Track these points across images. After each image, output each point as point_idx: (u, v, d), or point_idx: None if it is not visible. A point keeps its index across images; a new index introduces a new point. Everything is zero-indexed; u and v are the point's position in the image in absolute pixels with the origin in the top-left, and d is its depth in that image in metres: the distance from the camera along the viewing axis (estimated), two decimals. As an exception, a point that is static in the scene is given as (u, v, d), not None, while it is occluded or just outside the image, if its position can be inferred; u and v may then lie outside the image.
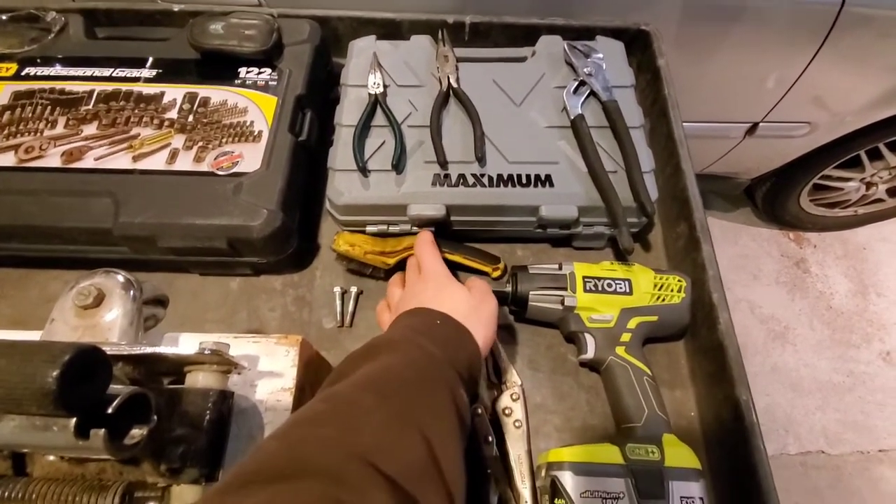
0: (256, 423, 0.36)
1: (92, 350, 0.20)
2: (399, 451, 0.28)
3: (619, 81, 0.61)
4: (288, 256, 0.56)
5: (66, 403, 0.19)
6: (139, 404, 0.24)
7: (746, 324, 1.51)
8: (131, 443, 0.24)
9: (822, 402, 1.40)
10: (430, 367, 0.34)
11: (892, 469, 1.31)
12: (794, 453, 1.33)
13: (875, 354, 1.47)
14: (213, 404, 0.31)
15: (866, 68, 1.06)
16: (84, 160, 0.54)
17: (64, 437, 0.21)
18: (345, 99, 0.59)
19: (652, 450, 0.42)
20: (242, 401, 0.36)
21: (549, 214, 0.53)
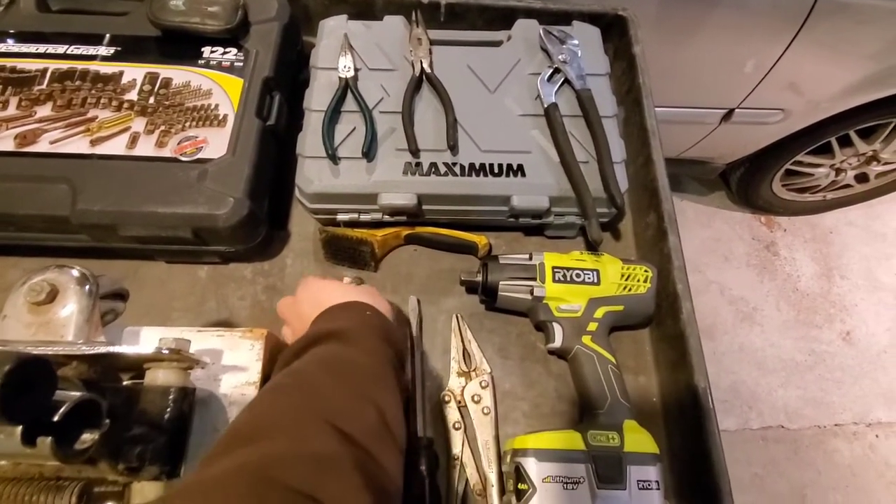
0: (221, 417, 0.36)
1: (33, 360, 0.20)
2: (357, 415, 0.30)
3: (594, 69, 0.60)
4: (257, 244, 0.56)
5: (9, 415, 0.18)
6: (89, 410, 0.24)
7: (716, 305, 1.55)
8: (82, 447, 0.23)
9: (785, 380, 1.46)
10: (377, 352, 0.37)
11: (846, 442, 1.39)
12: (755, 428, 1.39)
13: (836, 334, 1.53)
14: (174, 402, 0.31)
15: (841, 56, 1.07)
16: (38, 144, 0.51)
17: (11, 444, 0.21)
18: (314, 82, 0.58)
19: (612, 436, 0.44)
20: (206, 395, 0.36)
21: (520, 205, 0.53)
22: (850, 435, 1.40)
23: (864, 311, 1.56)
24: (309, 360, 0.34)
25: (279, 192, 0.60)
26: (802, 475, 1.35)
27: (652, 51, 0.99)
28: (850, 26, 1.00)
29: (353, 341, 0.36)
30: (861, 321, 1.55)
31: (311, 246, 0.59)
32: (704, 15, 0.93)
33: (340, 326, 0.37)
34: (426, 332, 0.55)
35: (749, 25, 0.97)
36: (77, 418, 0.23)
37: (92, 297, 0.34)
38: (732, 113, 1.18)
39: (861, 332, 1.53)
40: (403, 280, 0.58)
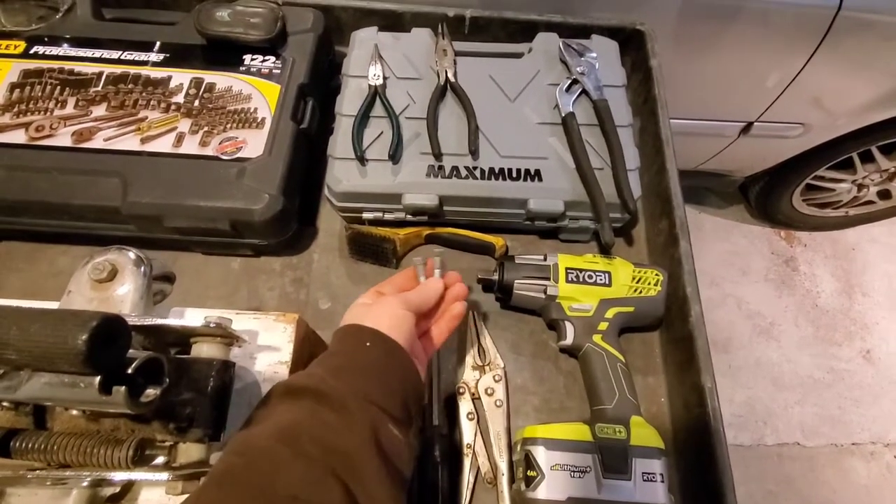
0: (255, 392, 0.39)
1: (115, 318, 0.23)
2: (316, 499, 0.27)
3: (611, 81, 0.63)
4: (287, 239, 0.59)
5: (94, 363, 0.22)
6: (153, 368, 0.27)
7: (732, 319, 1.54)
8: (146, 401, 0.27)
9: (802, 397, 1.44)
10: (351, 414, 0.32)
11: (863, 461, 1.37)
12: (770, 444, 1.38)
13: (856, 352, 1.51)
14: (217, 373, 0.34)
15: (861, 72, 1.07)
16: (94, 140, 0.56)
17: (89, 393, 0.24)
18: (346, 89, 0.62)
19: (619, 429, 0.46)
20: (243, 371, 0.39)
21: (536, 208, 0.56)
22: (868, 454, 1.38)
23: (886, 329, 1.54)
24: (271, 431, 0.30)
25: (309, 191, 0.63)
26: (817, 494, 1.33)
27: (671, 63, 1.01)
28: (871, 42, 1.00)
29: (328, 403, 0.32)
30: (882, 340, 1.52)
31: (338, 242, 0.62)
32: (723, 29, 0.95)
33: (317, 385, 0.33)
34: (443, 327, 0.58)
35: (768, 39, 0.98)
36: (143, 375, 0.27)
37: (146, 277, 0.38)
38: (751, 126, 1.19)
39: (882, 350, 1.51)
40: (423, 277, 0.61)
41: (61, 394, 0.25)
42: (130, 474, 0.29)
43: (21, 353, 0.21)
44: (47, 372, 0.24)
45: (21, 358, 0.22)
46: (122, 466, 0.29)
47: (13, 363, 0.22)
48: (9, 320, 0.22)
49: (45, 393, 0.25)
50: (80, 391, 0.24)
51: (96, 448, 0.29)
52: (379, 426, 0.33)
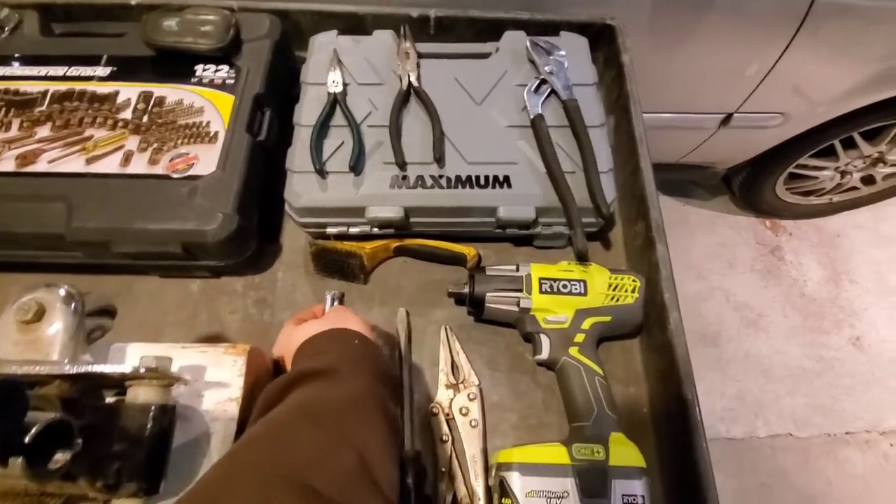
0: (203, 431, 0.36)
1: (7, 383, 0.21)
2: (332, 465, 0.29)
3: (581, 79, 0.61)
4: (248, 258, 0.56)
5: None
6: (62, 429, 0.25)
7: (721, 312, 1.53)
8: (54, 467, 0.24)
9: (792, 388, 1.44)
10: (363, 389, 0.35)
11: (858, 451, 1.36)
12: (763, 436, 1.37)
13: (845, 340, 1.50)
14: (153, 419, 0.31)
15: (840, 59, 1.06)
16: (37, 164, 0.53)
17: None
18: (304, 97, 0.59)
19: (598, 449, 0.43)
20: (188, 410, 0.37)
21: (506, 216, 0.54)
22: (863, 443, 1.37)
23: (875, 315, 1.53)
24: (287, 406, 0.33)
25: (270, 206, 0.60)
26: (812, 485, 1.32)
27: (647, 57, 0.99)
28: (849, 27, 0.99)
29: (338, 379, 0.35)
30: (871, 326, 1.52)
31: (302, 259, 0.60)
32: (697, 21, 0.93)
33: (324, 363, 0.36)
34: (415, 343, 0.56)
35: (743, 30, 0.96)
36: (50, 438, 0.24)
37: (77, 315, 0.35)
38: (731, 117, 1.17)
39: (872, 337, 1.50)
40: (392, 292, 0.58)
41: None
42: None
43: None
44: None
45: None
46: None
47: None
48: None
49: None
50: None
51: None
52: (385, 401, 0.37)
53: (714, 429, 1.37)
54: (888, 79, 1.10)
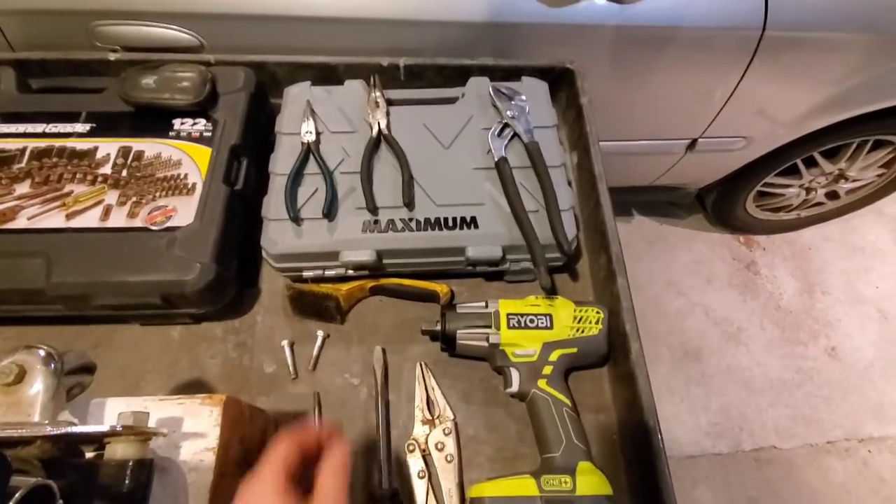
0: (180, 483, 0.38)
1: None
2: None
3: (542, 122, 0.64)
4: (228, 302, 0.58)
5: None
6: (43, 496, 0.26)
7: (702, 327, 1.57)
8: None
9: (774, 399, 1.47)
10: None
11: (839, 459, 1.39)
12: (748, 449, 1.39)
13: (821, 350, 1.54)
14: (131, 473, 0.33)
15: (794, 85, 1.12)
16: (17, 220, 0.55)
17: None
18: (279, 147, 0.61)
19: (565, 480, 0.45)
20: (166, 462, 0.38)
21: (475, 255, 0.56)
22: (843, 451, 1.40)
23: (848, 325, 1.58)
24: None
25: (249, 252, 0.62)
26: (798, 496, 1.34)
27: (612, 89, 1.05)
28: (800, 57, 1.05)
29: None
30: (845, 336, 1.56)
31: (281, 302, 0.61)
32: (656, 54, 0.98)
33: None
34: (392, 380, 0.57)
35: (701, 61, 1.02)
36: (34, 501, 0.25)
37: (57, 375, 0.36)
38: (696, 142, 1.23)
39: (846, 346, 1.55)
40: (370, 330, 0.60)
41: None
42: None
43: None
44: None
45: None
46: None
47: None
48: None
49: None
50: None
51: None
52: None
53: (700, 444, 1.39)
54: (841, 102, 1.17)
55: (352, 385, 0.57)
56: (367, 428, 0.55)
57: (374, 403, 0.55)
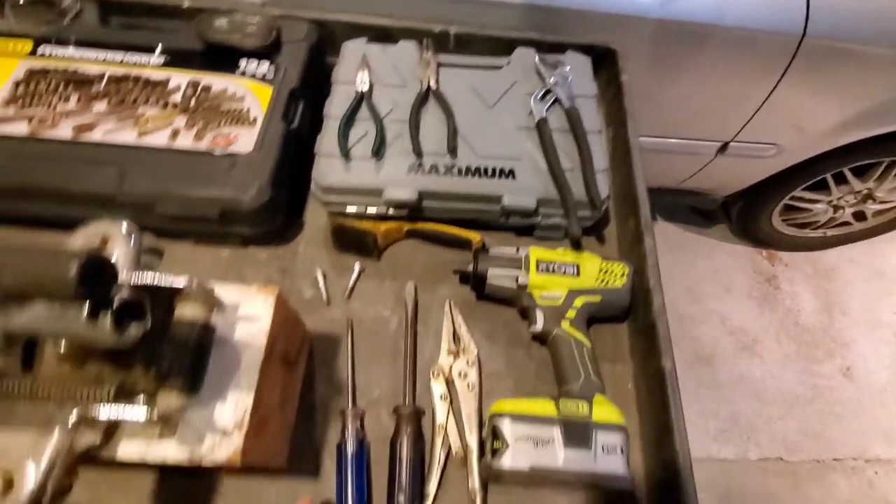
0: (233, 356, 0.41)
1: (102, 256, 0.26)
2: None
3: (583, 92, 0.68)
4: (274, 231, 0.62)
5: (82, 289, 0.24)
6: (136, 307, 0.30)
7: (716, 335, 1.57)
8: (130, 336, 0.29)
9: (784, 412, 1.46)
10: None
11: (844, 477, 1.37)
12: (754, 459, 1.39)
13: (836, 369, 1.53)
14: (197, 333, 0.37)
15: (829, 96, 1.14)
16: (93, 133, 0.60)
17: (77, 323, 0.26)
18: (334, 94, 0.66)
19: (582, 405, 0.48)
20: (222, 339, 0.42)
21: (510, 203, 0.60)
22: (849, 470, 1.38)
23: (864, 347, 1.57)
24: None
25: (298, 189, 0.67)
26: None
27: (648, 84, 1.07)
28: (837, 67, 1.07)
29: None
30: (861, 358, 1.55)
31: (322, 235, 0.65)
32: (695, 51, 1.01)
33: None
34: (421, 315, 0.61)
35: (739, 63, 1.04)
36: (127, 312, 0.29)
37: (136, 246, 0.40)
38: (727, 146, 1.25)
39: (861, 368, 1.53)
40: (403, 269, 0.64)
41: (51, 324, 0.27)
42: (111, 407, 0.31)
43: (17, 277, 0.24)
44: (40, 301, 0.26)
45: (16, 283, 0.24)
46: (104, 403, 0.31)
47: (8, 289, 0.25)
48: (7, 251, 0.24)
49: (37, 323, 0.27)
50: (69, 321, 0.27)
51: (79, 389, 0.31)
52: None
53: (706, 449, 1.39)
54: (874, 117, 1.18)
55: (383, 316, 0.61)
56: (395, 354, 0.58)
57: (403, 333, 0.59)
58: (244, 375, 0.41)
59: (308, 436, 0.54)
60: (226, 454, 0.38)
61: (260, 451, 0.42)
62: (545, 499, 0.51)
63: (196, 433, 0.38)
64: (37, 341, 0.34)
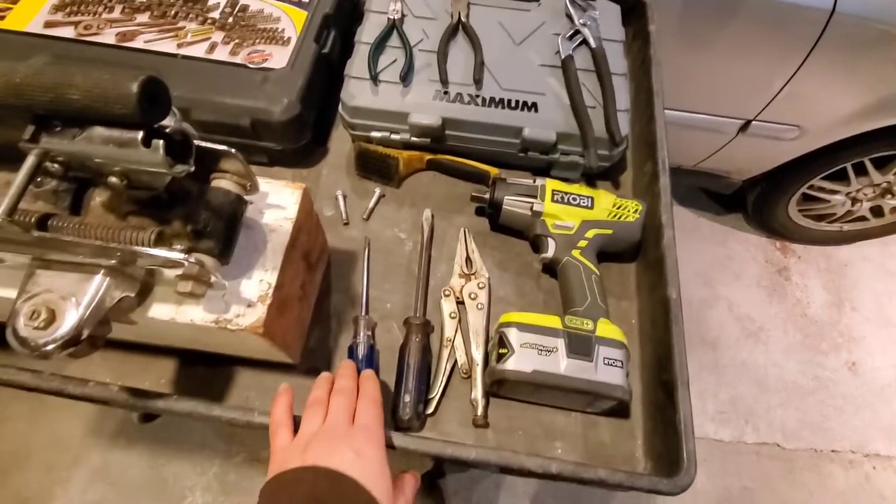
0: (261, 238, 0.44)
1: (160, 80, 0.28)
2: None
3: (611, 36, 0.68)
4: (299, 151, 0.64)
5: (142, 108, 0.26)
6: (184, 145, 0.32)
7: (723, 320, 1.57)
8: (178, 170, 0.31)
9: (785, 401, 1.46)
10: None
11: (842, 469, 1.38)
12: (750, 442, 1.39)
13: (841, 363, 1.53)
14: (231, 203, 0.39)
15: (854, 77, 1.12)
16: (135, 41, 0.62)
17: (132, 149, 0.29)
18: (366, 21, 0.67)
19: (587, 322, 0.50)
20: (251, 221, 0.44)
21: (530, 136, 0.61)
22: (847, 463, 1.39)
23: (872, 344, 1.56)
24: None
25: (324, 113, 0.69)
26: (794, 494, 1.34)
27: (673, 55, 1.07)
28: (864, 47, 1.05)
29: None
30: (867, 354, 1.54)
31: (345, 162, 0.67)
32: (723, 22, 1.01)
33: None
34: (436, 241, 0.62)
35: (766, 37, 1.04)
36: (176, 149, 0.31)
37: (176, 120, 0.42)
38: (749, 125, 1.24)
39: (867, 364, 1.53)
40: (421, 197, 0.66)
41: (108, 150, 0.29)
42: (150, 250, 0.33)
43: (82, 92, 0.26)
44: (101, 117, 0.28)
45: (82, 98, 0.26)
46: (145, 245, 0.33)
47: (73, 104, 0.27)
48: (74, 67, 0.27)
49: (94, 147, 0.29)
50: (125, 148, 0.29)
51: (123, 232, 0.34)
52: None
53: (703, 428, 1.40)
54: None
55: (399, 238, 0.63)
56: (408, 275, 0.60)
57: (417, 255, 0.61)
58: (270, 256, 0.43)
59: (321, 340, 0.56)
60: (249, 322, 0.40)
61: (280, 330, 0.45)
62: (544, 416, 0.53)
63: (223, 301, 0.41)
64: (86, 188, 0.36)
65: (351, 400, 0.41)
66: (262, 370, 0.54)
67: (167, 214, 0.36)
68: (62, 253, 0.35)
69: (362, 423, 0.40)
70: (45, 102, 0.27)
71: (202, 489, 1.22)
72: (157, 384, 0.53)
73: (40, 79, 0.27)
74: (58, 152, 0.30)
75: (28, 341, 0.33)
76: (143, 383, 0.52)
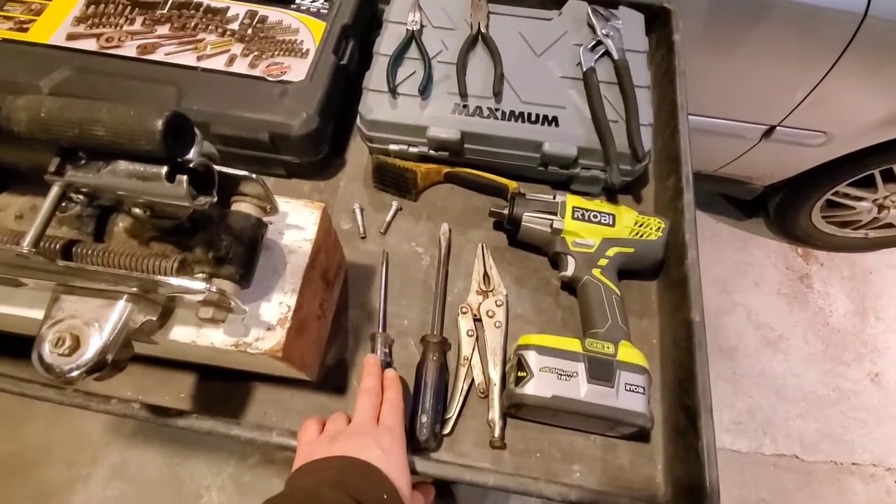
0: (280, 260, 0.43)
1: (184, 116, 0.28)
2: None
3: (634, 47, 0.67)
4: (317, 164, 0.64)
5: (166, 144, 0.26)
6: (206, 177, 0.32)
7: (741, 328, 1.54)
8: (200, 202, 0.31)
9: (804, 411, 1.43)
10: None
11: (863, 482, 1.35)
12: (768, 454, 1.37)
13: (864, 374, 1.49)
14: (251, 226, 0.39)
15: (885, 83, 1.09)
16: (155, 54, 0.62)
17: (156, 182, 0.28)
18: (384, 32, 0.67)
19: (608, 345, 0.49)
20: (271, 242, 0.44)
21: (551, 150, 0.60)
22: (868, 476, 1.36)
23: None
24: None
25: (342, 126, 0.68)
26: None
27: (697, 59, 1.05)
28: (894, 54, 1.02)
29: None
30: (892, 364, 1.50)
31: (363, 173, 0.67)
32: (748, 29, 0.98)
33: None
34: (452, 258, 0.62)
35: (794, 41, 1.01)
36: (198, 182, 0.31)
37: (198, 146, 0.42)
38: (773, 130, 1.21)
39: (891, 375, 1.49)
40: (439, 211, 0.65)
41: (132, 183, 0.29)
42: (172, 280, 0.33)
43: (107, 128, 0.26)
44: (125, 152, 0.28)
45: (107, 133, 0.26)
46: (167, 274, 0.33)
47: (98, 139, 0.27)
48: (100, 104, 0.27)
49: (118, 181, 0.29)
50: (149, 181, 0.29)
51: (146, 260, 0.34)
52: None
53: (719, 438, 1.36)
54: (935, 112, 1.12)
55: (416, 252, 0.62)
56: (425, 290, 0.60)
57: (434, 270, 0.60)
58: (289, 279, 0.43)
59: (338, 357, 0.56)
60: (269, 346, 0.40)
61: (298, 351, 0.45)
62: (562, 438, 0.53)
63: (242, 325, 0.41)
64: (109, 213, 0.36)
65: (378, 399, 0.45)
66: (279, 386, 0.54)
67: (189, 241, 0.36)
68: (86, 280, 0.35)
69: (387, 423, 0.43)
70: (70, 137, 0.27)
71: (217, 489, 1.24)
72: (177, 398, 0.53)
73: (66, 114, 0.27)
74: (82, 184, 0.30)
75: (53, 368, 0.33)
76: (164, 397, 0.53)
